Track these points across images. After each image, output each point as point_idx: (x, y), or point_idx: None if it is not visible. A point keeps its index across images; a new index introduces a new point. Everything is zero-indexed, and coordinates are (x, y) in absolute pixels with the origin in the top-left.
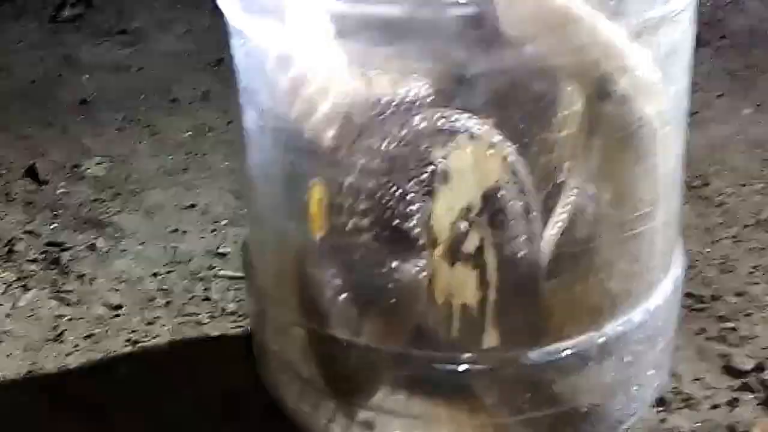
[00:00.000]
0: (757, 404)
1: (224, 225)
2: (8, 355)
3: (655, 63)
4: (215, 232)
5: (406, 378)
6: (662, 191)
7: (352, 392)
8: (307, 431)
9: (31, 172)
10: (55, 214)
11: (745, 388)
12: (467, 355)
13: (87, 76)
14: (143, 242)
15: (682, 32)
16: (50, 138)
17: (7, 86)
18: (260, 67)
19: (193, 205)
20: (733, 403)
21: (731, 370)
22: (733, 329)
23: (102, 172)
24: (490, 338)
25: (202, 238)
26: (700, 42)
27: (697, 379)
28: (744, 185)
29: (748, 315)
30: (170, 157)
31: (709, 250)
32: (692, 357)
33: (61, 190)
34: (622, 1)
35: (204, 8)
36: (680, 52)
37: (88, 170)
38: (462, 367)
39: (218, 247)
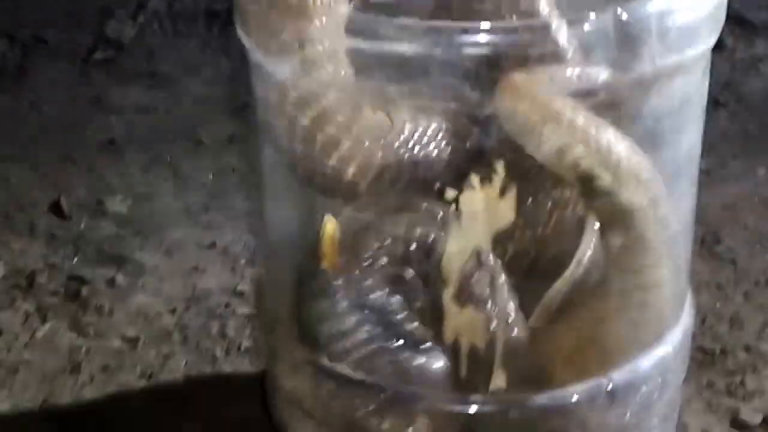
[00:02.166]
0: None
1: (243, 264)
2: (24, 385)
3: (669, 112)
4: (234, 271)
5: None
6: (670, 246)
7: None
8: None
9: (55, 208)
10: (76, 249)
11: None
12: (475, 396)
13: (115, 116)
14: (162, 279)
15: (695, 83)
16: (76, 175)
17: (36, 124)
18: (280, 104)
19: (213, 244)
20: None
21: (739, 424)
22: (742, 383)
23: (125, 210)
24: (498, 380)
25: (221, 276)
26: (716, 103)
27: None
28: (756, 244)
29: (756, 370)
30: (193, 197)
31: (719, 305)
32: (700, 410)
33: (84, 226)
34: (636, 50)
35: (232, 54)
36: (693, 102)
37: (112, 207)
38: (470, 409)
39: (236, 286)
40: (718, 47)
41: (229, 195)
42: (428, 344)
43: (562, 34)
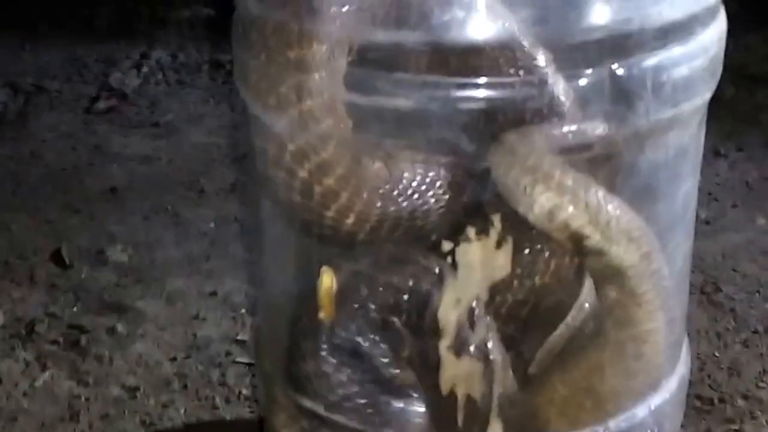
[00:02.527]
0: None
1: (243, 313)
2: None
3: (664, 164)
4: (234, 320)
5: None
6: (665, 297)
7: None
8: None
9: (56, 256)
10: (77, 298)
11: None
12: None
13: (116, 165)
14: (163, 327)
15: (691, 135)
16: (77, 224)
17: (38, 173)
18: (278, 156)
19: (214, 293)
20: None
21: None
22: (739, 431)
23: (126, 259)
24: (495, 430)
25: (222, 325)
26: (716, 153)
27: None
28: (755, 293)
29: (754, 418)
30: (194, 245)
31: (718, 353)
32: None
33: (85, 275)
34: (631, 104)
35: (235, 104)
36: (689, 154)
37: (113, 256)
38: None
39: (237, 335)
40: (719, 98)
41: (231, 244)
42: (409, 392)
43: (559, 89)
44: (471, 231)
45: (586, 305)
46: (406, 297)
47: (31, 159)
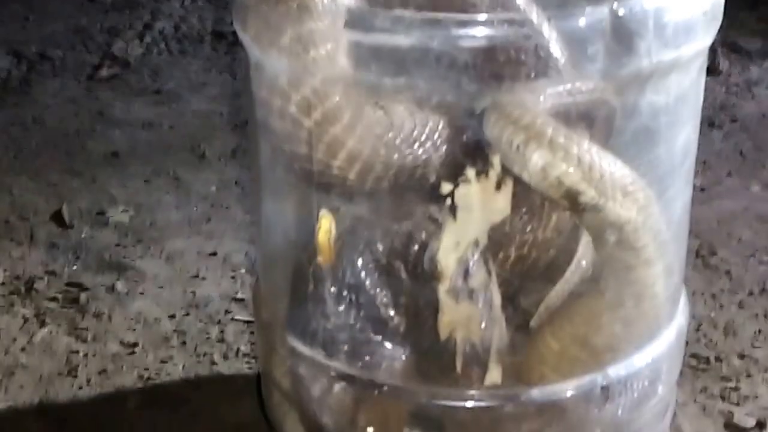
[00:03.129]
0: None
1: (243, 273)
2: (21, 387)
3: (665, 108)
4: (234, 279)
5: (408, 413)
6: (662, 246)
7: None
8: None
9: (57, 217)
10: (77, 257)
11: None
12: (470, 392)
13: (119, 130)
14: (162, 286)
15: (691, 80)
16: (78, 186)
17: (40, 137)
18: (282, 106)
19: (213, 253)
20: None
21: (733, 427)
22: (735, 389)
23: (126, 220)
24: (493, 375)
25: (221, 284)
26: (711, 124)
27: None
28: (750, 256)
29: (749, 376)
30: (195, 208)
31: (714, 314)
32: (695, 414)
33: (85, 235)
34: (632, 45)
35: (236, 73)
36: (689, 100)
37: (113, 217)
38: (465, 404)
39: (236, 293)
40: (714, 72)
41: (231, 207)
42: (405, 338)
43: (554, 45)
44: (470, 172)
45: (584, 262)
46: (405, 242)
47: (34, 124)
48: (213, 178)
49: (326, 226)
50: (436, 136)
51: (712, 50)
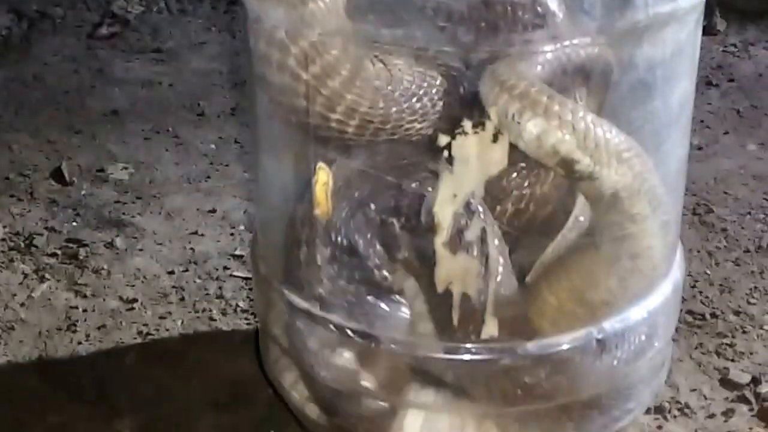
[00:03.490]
0: (752, 415)
1: (242, 230)
2: (20, 342)
3: (661, 62)
4: (233, 236)
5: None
6: (661, 201)
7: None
8: (307, 420)
9: (57, 174)
10: (76, 214)
11: (741, 399)
12: (466, 345)
13: (118, 88)
14: (161, 242)
15: (688, 33)
16: (78, 144)
17: (40, 95)
18: (281, 59)
19: (212, 211)
20: (728, 413)
21: (728, 383)
22: (731, 345)
23: (126, 177)
24: (490, 329)
25: (220, 241)
26: (708, 83)
27: (695, 390)
28: (746, 214)
29: (745, 332)
30: (194, 165)
31: (710, 272)
32: (691, 369)
33: (85, 192)
34: None
35: (236, 32)
36: (685, 53)
37: (113, 174)
38: (462, 357)
39: (235, 250)
40: (711, 33)
41: (231, 164)
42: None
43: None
44: (467, 125)
45: (581, 218)
46: (403, 195)
47: (34, 81)
48: (212, 136)
49: (323, 179)
50: (433, 89)
51: (710, 10)
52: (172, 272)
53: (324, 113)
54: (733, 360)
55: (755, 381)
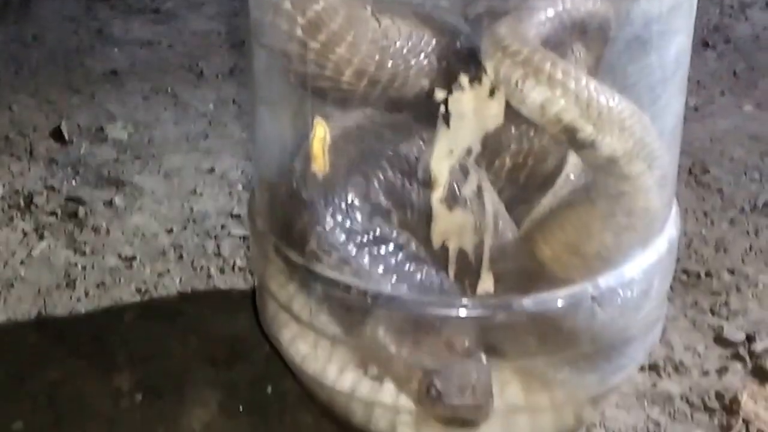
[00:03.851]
0: (746, 373)
1: (240, 190)
2: (19, 299)
3: (657, 17)
4: (231, 195)
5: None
6: (658, 155)
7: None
8: (305, 374)
9: (56, 134)
10: (76, 172)
11: (735, 357)
12: (462, 300)
13: (118, 49)
14: (160, 201)
15: None
16: (77, 103)
17: (40, 54)
18: (276, 5)
19: (211, 170)
20: (722, 371)
21: (722, 341)
22: (725, 304)
23: (125, 136)
24: (486, 284)
25: (218, 200)
26: (705, 44)
27: (689, 348)
28: (742, 174)
29: (739, 291)
30: (192, 125)
31: (705, 231)
32: (685, 328)
33: (84, 151)
34: None
35: None
36: (682, 8)
37: (112, 133)
38: (457, 313)
39: (233, 209)
40: None
41: (229, 124)
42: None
43: None
44: (464, 79)
45: (575, 174)
46: (399, 150)
47: (34, 42)
48: (211, 96)
49: (320, 134)
50: (431, 43)
51: None
52: (170, 230)
53: (318, 63)
54: (727, 318)
55: (749, 339)
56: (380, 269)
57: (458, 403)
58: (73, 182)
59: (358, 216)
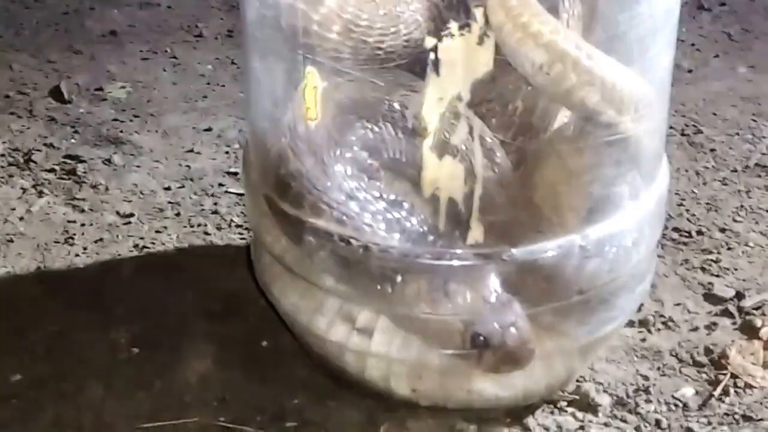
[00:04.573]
0: (734, 329)
1: (237, 148)
2: (18, 254)
3: None
4: (228, 154)
5: (391, 271)
6: (647, 102)
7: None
8: (299, 327)
9: (56, 93)
10: (75, 131)
11: (724, 313)
12: (452, 250)
13: (117, 10)
14: (158, 160)
15: None
16: (77, 64)
17: (40, 16)
18: None
19: (209, 129)
20: (711, 327)
21: (712, 298)
22: (716, 261)
23: (124, 96)
24: (475, 234)
25: (216, 158)
26: (700, 7)
27: (679, 305)
28: (735, 134)
29: (730, 249)
30: (191, 85)
31: (697, 190)
32: (675, 284)
33: (83, 110)
34: None
35: None
36: None
37: (111, 93)
38: (449, 263)
39: (230, 167)
40: None
41: (227, 85)
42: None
43: None
44: (453, 26)
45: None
46: (390, 99)
47: (34, 2)
48: (209, 57)
49: (312, 83)
50: None
51: None
52: (168, 188)
53: (307, 15)
54: (717, 276)
55: (739, 295)
56: (368, 219)
57: (507, 344)
58: (72, 140)
59: (347, 167)
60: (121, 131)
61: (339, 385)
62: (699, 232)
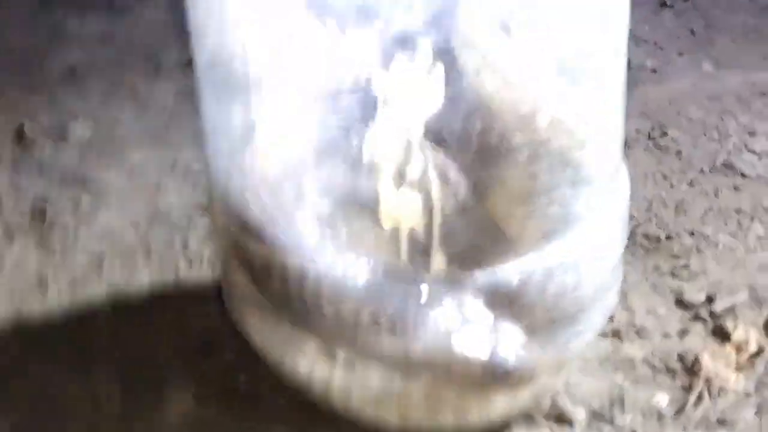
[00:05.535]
0: (706, 333)
1: (204, 181)
2: None
3: None
4: (195, 188)
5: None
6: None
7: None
8: (274, 362)
9: (19, 134)
10: (41, 173)
11: (696, 318)
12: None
13: (75, 46)
14: (126, 198)
15: None
16: (38, 103)
17: None
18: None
19: (174, 163)
20: (683, 333)
21: (683, 303)
22: (686, 266)
23: (88, 134)
24: (437, 262)
25: (183, 193)
26: (662, 4)
27: (650, 312)
28: (701, 135)
29: (700, 252)
30: (154, 119)
31: (664, 194)
32: (646, 292)
33: (48, 151)
34: None
35: None
36: None
37: (75, 133)
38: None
39: (197, 200)
40: None
41: (189, 116)
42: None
43: None
44: (401, 58)
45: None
46: (344, 133)
47: None
48: (170, 88)
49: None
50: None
51: None
52: (137, 226)
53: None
54: (688, 281)
55: (709, 299)
56: (332, 250)
57: (525, 362)
58: (39, 183)
59: (307, 206)
60: (87, 171)
61: (317, 418)
62: (668, 237)
